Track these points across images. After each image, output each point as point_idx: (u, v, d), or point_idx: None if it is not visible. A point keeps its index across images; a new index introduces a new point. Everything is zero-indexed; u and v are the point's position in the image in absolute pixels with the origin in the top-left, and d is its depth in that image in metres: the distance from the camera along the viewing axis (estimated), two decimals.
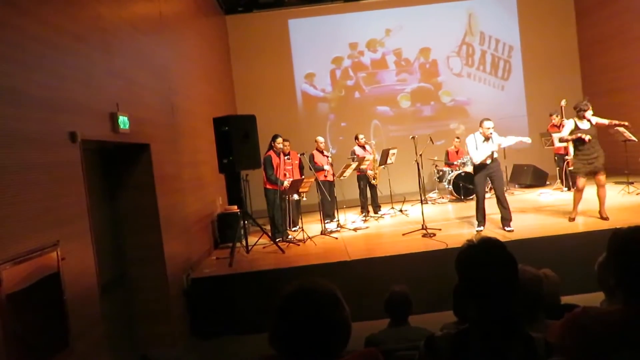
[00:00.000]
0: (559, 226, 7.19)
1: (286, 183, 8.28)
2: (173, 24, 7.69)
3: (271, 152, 8.51)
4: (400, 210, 9.91)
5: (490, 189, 8.10)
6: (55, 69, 3.77)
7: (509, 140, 7.24)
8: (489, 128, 7.00)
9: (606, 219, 7.15)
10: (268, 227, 8.38)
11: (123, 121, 4.83)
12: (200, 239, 7.74)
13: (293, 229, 8.89)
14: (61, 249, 3.41)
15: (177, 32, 7.95)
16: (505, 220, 7.17)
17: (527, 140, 7.36)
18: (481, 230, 7.22)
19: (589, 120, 7.09)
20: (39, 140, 3.42)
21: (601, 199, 7.28)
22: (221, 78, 12.07)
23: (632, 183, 9.29)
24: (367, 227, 8.86)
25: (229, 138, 7.14)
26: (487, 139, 7.01)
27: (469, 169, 9.99)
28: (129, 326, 5.47)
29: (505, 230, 7.04)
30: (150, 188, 5.59)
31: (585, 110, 7.08)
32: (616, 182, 10.24)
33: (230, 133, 7.15)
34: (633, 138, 9.09)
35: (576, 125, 7.13)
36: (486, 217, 7.34)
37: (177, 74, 7.51)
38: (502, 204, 7.14)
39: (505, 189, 11.03)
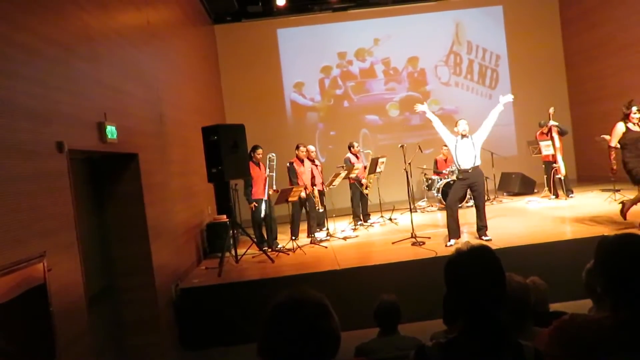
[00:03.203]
0: (547, 233, 7.23)
1: (251, 205, 8.29)
2: (161, 33, 7.68)
3: (250, 163, 8.33)
4: (390, 219, 9.93)
5: (469, 199, 7.96)
6: (42, 78, 3.74)
7: (495, 114, 7.16)
8: (462, 129, 7.12)
9: None
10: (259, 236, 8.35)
11: (111, 131, 4.81)
12: (189, 248, 7.70)
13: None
14: (48, 260, 3.37)
15: (165, 42, 7.94)
16: (481, 229, 7.14)
17: (509, 98, 7.22)
18: (452, 245, 6.97)
19: (636, 124, 6.84)
20: (25, 150, 3.39)
21: None
22: (210, 87, 12.07)
23: (619, 190, 9.38)
24: (356, 236, 8.85)
25: (218, 147, 7.12)
26: (463, 136, 7.08)
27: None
28: (117, 337, 5.41)
29: (482, 239, 6.97)
30: (139, 198, 5.56)
31: (628, 114, 6.86)
32: (603, 190, 10.36)
33: (219, 142, 7.13)
34: (618, 146, 9.17)
35: (627, 128, 6.89)
36: (460, 228, 7.21)
37: (165, 83, 7.49)
38: (481, 214, 7.11)
39: (494, 196, 11.16)
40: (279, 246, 8.33)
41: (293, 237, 8.41)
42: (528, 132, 12.60)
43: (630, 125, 6.89)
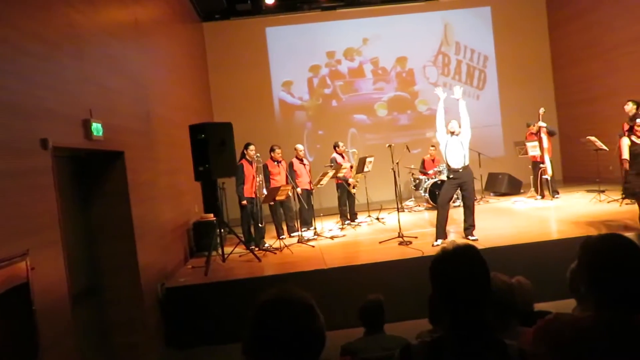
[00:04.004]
0: (533, 234, 7.29)
1: (243, 202, 8.30)
2: (149, 30, 7.63)
3: (243, 161, 8.40)
4: (377, 218, 9.94)
5: (456, 199, 7.97)
6: (26, 74, 3.70)
7: (462, 109, 7.17)
8: (452, 127, 7.16)
9: None
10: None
11: (96, 128, 4.76)
12: (175, 247, 7.66)
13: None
14: (31, 259, 3.33)
15: (153, 39, 7.89)
16: (468, 229, 7.19)
17: (459, 91, 7.27)
18: (438, 245, 6.98)
19: None
20: (9, 147, 3.35)
21: None
22: (198, 85, 12.01)
23: (604, 191, 9.48)
24: (344, 235, 8.86)
25: (205, 146, 7.08)
26: (452, 134, 7.11)
27: (445, 177, 10.07)
28: (103, 337, 5.37)
29: (469, 239, 7.02)
30: (124, 196, 5.51)
31: (633, 125, 6.86)
32: (588, 191, 10.47)
33: (207, 141, 7.09)
34: (604, 147, 9.28)
35: (632, 142, 6.97)
36: (447, 229, 7.26)
37: (152, 80, 7.44)
38: (470, 213, 7.17)
39: (481, 197, 11.22)
40: (266, 245, 8.31)
41: (281, 237, 8.40)
42: (515, 132, 12.69)
43: (634, 138, 6.98)
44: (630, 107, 8.59)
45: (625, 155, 7.06)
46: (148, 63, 7.34)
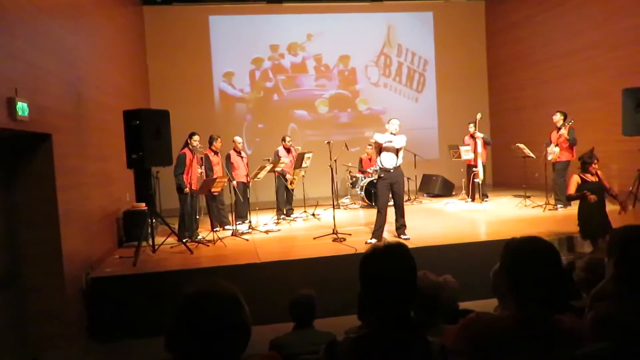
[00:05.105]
0: (462, 234, 7.52)
1: (186, 189, 8.15)
2: (84, 9, 7.31)
3: (186, 150, 8.26)
4: (313, 214, 9.98)
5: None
6: None
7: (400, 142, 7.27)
8: (392, 127, 7.26)
9: None
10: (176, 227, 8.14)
11: (22, 107, 4.52)
12: (103, 236, 7.39)
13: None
14: None
15: (88, 18, 7.56)
16: (400, 228, 7.35)
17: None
18: (372, 242, 7.03)
19: (596, 174, 6.26)
20: None
21: None
22: (135, 70, 11.61)
23: (529, 197, 9.91)
24: (279, 230, 8.83)
25: (140, 133, 6.85)
26: (391, 134, 7.21)
27: None
28: (20, 327, 5.11)
29: (401, 238, 7.17)
30: (50, 181, 5.26)
31: (589, 164, 6.24)
32: (515, 196, 10.92)
33: (142, 127, 6.86)
34: (531, 155, 9.70)
35: (582, 180, 6.27)
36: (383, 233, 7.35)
37: (86, 62, 7.13)
38: (400, 213, 7.33)
39: (414, 197, 11.49)
40: (198, 237, 8.17)
41: (215, 229, 8.27)
42: (450, 136, 13.06)
43: (588, 175, 6.30)
44: (558, 118, 9.04)
45: (572, 191, 6.40)
46: (82, 43, 7.03)
